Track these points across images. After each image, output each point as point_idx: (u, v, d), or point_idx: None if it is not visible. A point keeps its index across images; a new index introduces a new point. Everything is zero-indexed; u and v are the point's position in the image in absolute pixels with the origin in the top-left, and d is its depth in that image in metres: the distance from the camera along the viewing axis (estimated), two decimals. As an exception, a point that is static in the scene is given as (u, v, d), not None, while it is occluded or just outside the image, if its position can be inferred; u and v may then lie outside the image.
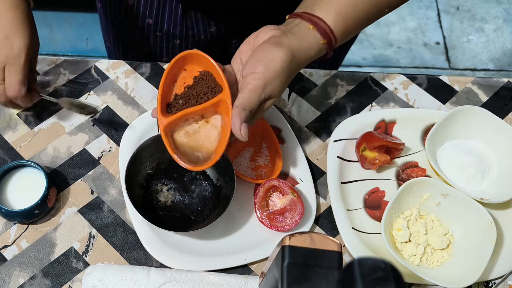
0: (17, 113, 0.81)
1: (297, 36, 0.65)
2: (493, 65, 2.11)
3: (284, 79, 0.64)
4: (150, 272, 0.67)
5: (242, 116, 0.61)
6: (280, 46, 0.63)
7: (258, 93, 0.62)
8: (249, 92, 0.62)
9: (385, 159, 0.77)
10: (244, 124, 0.61)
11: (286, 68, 0.63)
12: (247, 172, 0.77)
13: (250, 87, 0.62)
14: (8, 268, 0.69)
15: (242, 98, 0.62)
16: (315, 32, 0.65)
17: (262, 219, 0.73)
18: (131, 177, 0.71)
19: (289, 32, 0.65)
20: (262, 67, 0.62)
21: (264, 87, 0.62)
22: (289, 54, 0.63)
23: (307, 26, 0.65)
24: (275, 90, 0.63)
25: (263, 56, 0.63)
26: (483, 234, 0.71)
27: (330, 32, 0.66)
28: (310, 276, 0.49)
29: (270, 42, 0.64)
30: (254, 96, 0.62)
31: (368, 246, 0.72)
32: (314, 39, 0.65)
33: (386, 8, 0.70)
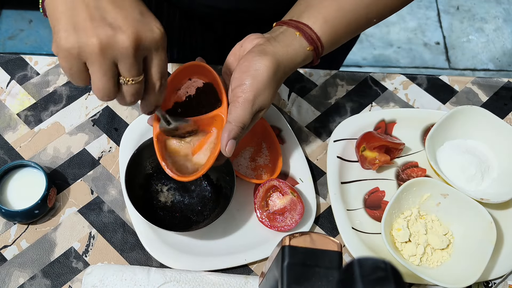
0: (17, 113, 0.81)
1: (281, 43, 0.64)
2: (493, 65, 2.11)
3: (273, 88, 0.63)
4: (150, 272, 0.68)
5: (232, 133, 0.61)
6: (264, 54, 0.62)
7: (249, 107, 0.61)
8: (240, 106, 0.61)
9: (385, 159, 0.77)
10: (231, 141, 0.61)
11: (273, 76, 0.62)
12: (247, 172, 0.77)
13: (241, 101, 0.61)
14: (8, 268, 0.69)
15: (234, 113, 0.61)
16: (301, 38, 0.64)
17: (262, 219, 0.73)
18: (131, 177, 0.71)
19: (274, 40, 0.64)
20: (249, 78, 0.61)
21: (254, 100, 0.61)
22: (274, 62, 0.62)
23: (293, 33, 0.65)
24: (266, 101, 0.63)
25: (248, 67, 0.62)
26: (483, 234, 0.71)
27: (316, 39, 0.65)
28: (310, 276, 0.49)
29: (254, 51, 0.63)
30: (245, 111, 0.61)
31: (368, 246, 0.72)
32: (300, 46, 0.64)
33: (375, 19, 0.69)
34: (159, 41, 0.49)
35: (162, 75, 0.52)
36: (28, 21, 2.06)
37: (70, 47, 0.47)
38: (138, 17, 0.48)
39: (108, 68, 0.48)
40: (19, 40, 2.02)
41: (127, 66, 0.48)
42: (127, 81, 0.50)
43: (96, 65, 0.47)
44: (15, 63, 0.85)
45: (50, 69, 0.85)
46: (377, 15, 0.69)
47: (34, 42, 2.01)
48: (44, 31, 2.04)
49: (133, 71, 0.49)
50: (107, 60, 0.47)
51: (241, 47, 0.66)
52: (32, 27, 2.05)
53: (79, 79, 0.49)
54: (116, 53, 0.47)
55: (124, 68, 0.49)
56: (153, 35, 0.49)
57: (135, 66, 0.49)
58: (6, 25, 2.05)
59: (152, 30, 0.49)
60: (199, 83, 0.68)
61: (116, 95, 0.51)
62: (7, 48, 1.99)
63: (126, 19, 0.47)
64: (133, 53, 0.47)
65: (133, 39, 0.47)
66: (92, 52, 0.46)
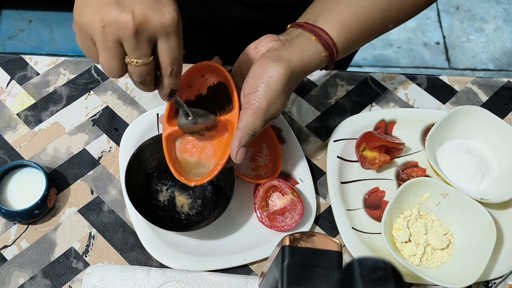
0: (17, 113, 0.81)
1: (297, 48, 0.63)
2: (493, 65, 2.11)
3: (286, 96, 0.63)
4: (150, 272, 0.68)
5: (243, 141, 0.61)
6: (279, 61, 0.61)
7: (261, 116, 0.61)
8: (252, 114, 0.61)
9: (385, 159, 0.77)
10: (242, 148, 0.61)
11: (286, 84, 0.62)
12: (247, 172, 0.77)
13: (254, 108, 0.61)
14: (8, 268, 0.69)
15: (246, 121, 0.61)
16: (317, 43, 0.64)
17: (262, 219, 0.73)
18: (131, 177, 0.71)
19: (289, 44, 0.63)
20: (263, 85, 0.61)
21: (267, 108, 0.61)
22: (288, 69, 0.61)
23: (309, 37, 0.64)
24: (278, 109, 0.63)
25: (262, 74, 0.61)
26: (483, 234, 0.71)
27: (332, 45, 0.64)
28: (310, 276, 0.49)
29: (269, 56, 0.62)
30: (257, 119, 0.61)
31: (368, 246, 0.72)
32: (315, 51, 0.64)
33: (391, 24, 0.69)
34: (169, 26, 0.48)
35: (173, 61, 0.51)
36: (28, 21, 2.06)
37: (79, 23, 0.48)
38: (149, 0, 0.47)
39: (111, 46, 0.48)
40: (19, 40, 2.02)
41: (131, 47, 0.48)
42: (131, 61, 0.49)
43: (100, 42, 0.48)
44: (15, 63, 0.85)
45: (50, 69, 0.85)
46: (393, 20, 0.68)
47: (34, 42, 2.01)
48: (44, 31, 2.04)
49: (137, 52, 0.48)
50: (109, 38, 0.47)
51: (255, 49, 0.65)
52: (32, 27, 2.04)
53: (89, 55, 0.51)
54: (119, 32, 0.47)
55: (128, 48, 0.48)
56: (162, 19, 0.47)
57: (139, 47, 0.48)
58: (6, 25, 2.05)
59: (163, 14, 0.47)
60: (211, 81, 0.68)
61: (122, 73, 0.51)
62: (7, 48, 1.99)
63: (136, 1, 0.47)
64: (135, 34, 0.47)
65: (137, 21, 0.46)
66: (95, 30, 0.47)
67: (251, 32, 0.72)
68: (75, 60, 0.87)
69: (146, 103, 0.83)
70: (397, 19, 0.69)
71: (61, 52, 2.00)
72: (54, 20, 2.06)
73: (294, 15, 0.69)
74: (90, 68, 0.86)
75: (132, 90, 0.84)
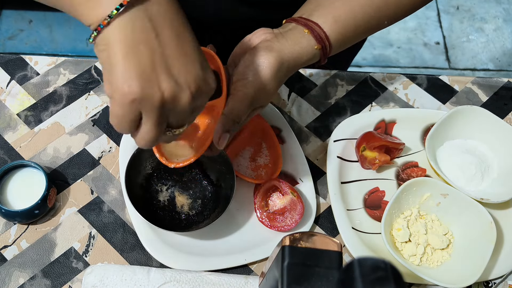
0: (17, 113, 0.81)
1: (289, 40, 0.64)
2: (493, 65, 2.11)
3: (274, 86, 0.63)
4: (150, 272, 0.68)
5: (227, 126, 0.61)
6: (269, 50, 0.62)
7: (247, 103, 0.61)
8: (239, 100, 0.61)
9: (385, 159, 0.77)
10: (225, 134, 0.61)
11: (275, 74, 0.62)
12: (247, 172, 0.77)
13: (240, 95, 0.61)
14: (8, 268, 0.69)
15: (231, 106, 0.61)
16: (309, 36, 0.64)
17: (262, 219, 0.73)
18: (131, 177, 0.71)
19: (282, 36, 0.64)
20: (252, 73, 0.61)
21: (254, 96, 0.61)
22: (278, 59, 0.62)
23: (301, 30, 0.64)
24: (265, 98, 0.63)
25: (252, 62, 0.62)
26: (483, 234, 0.71)
27: (325, 38, 0.65)
28: (310, 276, 0.49)
29: (261, 46, 0.63)
30: (243, 106, 0.61)
31: (368, 246, 0.72)
32: (308, 44, 0.64)
33: (386, 21, 0.69)
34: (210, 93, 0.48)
35: None
36: (28, 21, 2.06)
37: (133, 94, 0.43)
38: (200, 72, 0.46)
39: (163, 121, 0.46)
40: (19, 40, 2.02)
41: (180, 119, 0.47)
42: (174, 131, 0.49)
43: (153, 117, 0.45)
44: (15, 63, 0.85)
45: (50, 69, 0.85)
46: (388, 17, 0.69)
47: (34, 42, 2.01)
48: (44, 31, 2.04)
49: (184, 122, 0.48)
50: (165, 113, 0.45)
51: (249, 40, 0.66)
52: (32, 27, 2.04)
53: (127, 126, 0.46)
54: (176, 108, 0.45)
55: (176, 120, 0.47)
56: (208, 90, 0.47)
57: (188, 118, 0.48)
58: (6, 25, 2.05)
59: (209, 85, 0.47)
60: None
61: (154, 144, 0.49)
62: (7, 48, 1.99)
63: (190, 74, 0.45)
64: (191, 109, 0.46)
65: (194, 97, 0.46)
66: (154, 103, 0.44)
67: (251, 30, 0.72)
68: (75, 60, 0.87)
69: (146, 103, 0.83)
70: (393, 17, 0.69)
71: (61, 52, 2.00)
72: (54, 20, 2.06)
73: (291, 14, 0.69)
74: (90, 68, 0.86)
75: (132, 90, 0.84)
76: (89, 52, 2.01)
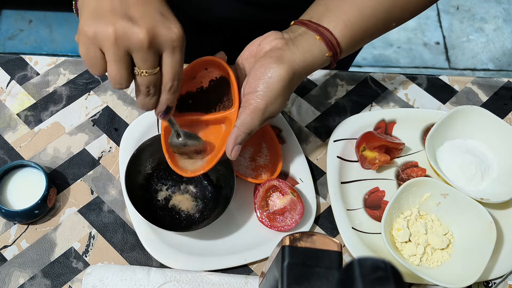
0: (17, 113, 0.81)
1: (300, 48, 0.63)
2: (493, 65, 2.11)
3: (285, 97, 0.63)
4: (150, 272, 0.68)
5: (238, 139, 0.62)
6: (281, 62, 0.61)
7: (259, 115, 0.62)
8: (250, 113, 0.61)
9: (385, 159, 0.77)
10: (237, 146, 0.63)
11: (287, 85, 0.62)
12: (247, 172, 0.77)
13: (252, 108, 0.61)
14: (8, 268, 0.69)
15: (243, 120, 0.62)
16: (321, 43, 0.63)
17: (262, 219, 0.73)
18: (131, 177, 0.71)
19: (292, 43, 0.63)
20: (263, 86, 0.61)
21: (265, 108, 0.62)
22: (290, 71, 0.61)
23: (313, 37, 0.63)
24: (276, 110, 0.63)
25: (263, 74, 0.61)
26: (483, 234, 0.71)
27: (336, 45, 0.64)
28: (310, 276, 0.49)
29: (272, 56, 0.62)
30: (255, 119, 0.62)
31: (368, 246, 0.72)
32: (319, 52, 0.63)
33: (394, 23, 0.68)
34: (176, 41, 0.51)
35: (175, 76, 0.54)
36: (28, 21, 2.06)
37: (88, 32, 0.49)
38: (158, 16, 0.51)
39: (122, 57, 0.50)
40: (19, 40, 2.02)
41: (141, 57, 0.50)
42: (141, 72, 0.52)
43: (110, 53, 0.50)
44: (15, 63, 0.85)
45: (50, 69, 0.85)
46: (396, 19, 0.68)
47: (34, 42, 2.01)
48: (44, 31, 2.04)
49: (147, 63, 0.51)
50: (121, 49, 0.49)
51: (259, 45, 0.65)
52: (32, 27, 2.04)
53: (94, 65, 0.51)
54: (130, 44, 0.49)
55: (138, 59, 0.51)
56: (170, 34, 0.50)
57: (149, 58, 0.51)
58: (6, 25, 2.05)
59: (170, 29, 0.51)
60: (214, 75, 0.68)
61: (128, 84, 0.53)
62: (7, 48, 1.99)
63: (146, 15, 0.50)
64: (147, 46, 0.49)
65: (148, 33, 0.49)
66: (107, 39, 0.49)
67: (252, 32, 0.72)
68: (75, 60, 0.87)
69: (146, 103, 0.83)
70: (401, 18, 0.69)
71: (61, 52, 2.00)
72: (54, 20, 2.06)
73: (295, 14, 0.69)
74: (90, 68, 0.86)
75: (132, 90, 0.84)
76: (89, 52, 2.01)
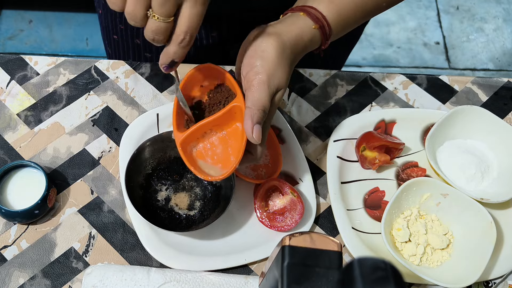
0: (17, 113, 0.81)
1: (284, 23, 0.64)
2: (493, 65, 2.11)
3: (285, 67, 0.62)
4: (150, 272, 0.68)
5: (254, 118, 0.59)
6: (267, 35, 0.62)
7: (265, 88, 0.60)
8: (256, 89, 0.60)
9: (385, 159, 0.77)
10: (256, 125, 0.59)
11: (281, 54, 0.61)
12: (247, 172, 0.77)
13: (255, 84, 0.60)
14: (8, 268, 0.69)
15: (251, 97, 0.60)
16: (305, 17, 0.64)
17: (262, 219, 0.73)
18: (131, 177, 0.71)
19: (278, 23, 0.64)
20: (259, 60, 0.61)
21: (268, 80, 0.60)
22: (279, 40, 0.61)
23: (297, 15, 0.64)
24: (280, 81, 0.62)
25: (255, 51, 0.62)
26: (483, 234, 0.71)
27: (322, 18, 0.64)
28: (310, 276, 0.49)
29: (258, 35, 0.63)
30: (262, 93, 0.60)
31: (368, 246, 0.72)
32: (305, 24, 0.64)
33: (384, 3, 0.69)
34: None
35: (189, 29, 0.53)
36: (28, 21, 2.06)
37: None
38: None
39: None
40: (19, 40, 2.02)
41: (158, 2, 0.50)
42: (154, 15, 0.51)
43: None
44: (15, 63, 0.85)
45: (50, 69, 0.85)
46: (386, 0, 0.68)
47: (34, 42, 2.01)
48: (44, 31, 2.04)
49: (162, 8, 0.51)
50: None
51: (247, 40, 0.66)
52: (32, 27, 2.04)
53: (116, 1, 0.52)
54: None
55: (155, 3, 0.51)
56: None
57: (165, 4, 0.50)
58: (6, 25, 2.05)
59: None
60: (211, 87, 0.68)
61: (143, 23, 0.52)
62: (7, 48, 1.99)
63: None
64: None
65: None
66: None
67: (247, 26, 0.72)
68: (75, 60, 0.87)
69: (146, 103, 0.83)
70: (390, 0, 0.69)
71: (61, 52, 2.00)
72: (54, 20, 2.06)
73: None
74: (90, 68, 0.86)
75: (132, 90, 0.84)
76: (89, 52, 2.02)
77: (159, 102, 0.83)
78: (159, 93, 0.84)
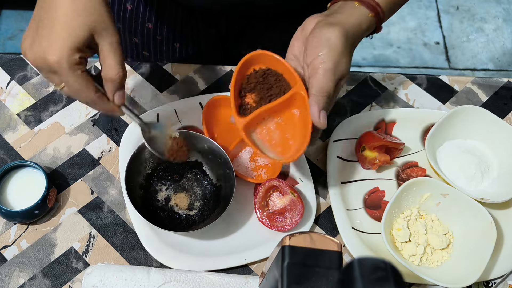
0: (17, 113, 0.81)
1: (343, 14, 0.64)
2: (493, 65, 2.11)
3: (348, 55, 0.64)
4: (150, 272, 0.68)
5: (320, 103, 0.62)
6: (331, 25, 0.62)
7: (331, 76, 0.61)
8: (322, 76, 0.61)
9: (385, 159, 0.77)
10: (323, 111, 0.62)
11: (345, 44, 0.62)
12: (247, 172, 0.77)
13: (321, 71, 0.61)
14: (8, 269, 0.69)
15: (317, 84, 0.62)
16: (361, 7, 0.65)
17: (262, 219, 0.73)
18: (131, 177, 0.71)
19: (335, 13, 0.65)
20: (324, 49, 0.62)
21: (334, 68, 0.61)
22: (343, 30, 0.62)
23: (351, 4, 0.65)
24: (344, 69, 0.63)
25: (319, 40, 0.62)
26: (483, 234, 0.71)
27: (376, 5, 0.65)
28: (310, 276, 0.49)
29: (320, 26, 0.63)
30: (328, 79, 0.61)
31: (368, 246, 0.72)
32: (361, 14, 0.65)
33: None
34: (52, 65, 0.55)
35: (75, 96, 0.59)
36: (28, 21, 2.06)
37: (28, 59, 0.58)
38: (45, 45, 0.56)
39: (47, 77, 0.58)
40: (19, 40, 2.02)
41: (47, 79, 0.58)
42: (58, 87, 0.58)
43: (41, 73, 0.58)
44: (15, 63, 0.85)
45: (50, 69, 0.85)
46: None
47: (34, 42, 2.01)
48: (44, 31, 2.03)
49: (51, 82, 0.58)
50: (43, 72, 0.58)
51: (302, 31, 0.66)
52: (32, 27, 2.04)
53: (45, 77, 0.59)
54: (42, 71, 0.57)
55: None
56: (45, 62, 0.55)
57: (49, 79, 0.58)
58: (6, 25, 2.05)
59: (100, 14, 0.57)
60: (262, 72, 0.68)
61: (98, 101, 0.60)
62: (7, 48, 1.99)
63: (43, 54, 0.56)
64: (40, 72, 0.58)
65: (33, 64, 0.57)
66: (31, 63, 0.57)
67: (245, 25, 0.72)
68: (75, 60, 0.86)
69: (146, 103, 0.83)
70: None
71: (61, 52, 2.00)
72: (54, 20, 2.05)
73: None
74: (90, 68, 0.86)
75: (132, 90, 0.84)
76: (89, 52, 2.01)
77: (159, 102, 0.83)
78: (159, 93, 0.84)
